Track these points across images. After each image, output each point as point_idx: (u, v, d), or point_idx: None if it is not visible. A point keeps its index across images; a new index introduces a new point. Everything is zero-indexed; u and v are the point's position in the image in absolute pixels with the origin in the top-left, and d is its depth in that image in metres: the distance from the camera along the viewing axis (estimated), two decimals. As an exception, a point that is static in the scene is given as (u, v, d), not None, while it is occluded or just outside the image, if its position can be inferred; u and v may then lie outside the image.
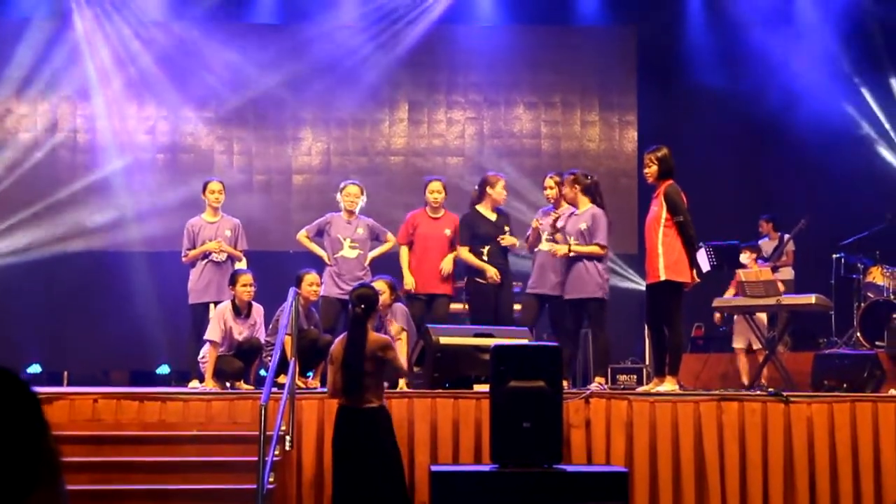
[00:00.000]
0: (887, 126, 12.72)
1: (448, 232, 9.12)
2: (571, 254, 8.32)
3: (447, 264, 9.03)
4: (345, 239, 9.13)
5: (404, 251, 9.13)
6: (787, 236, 11.55)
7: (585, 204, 8.52)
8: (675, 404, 7.36)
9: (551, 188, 8.89)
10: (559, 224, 8.57)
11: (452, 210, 9.37)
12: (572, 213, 8.61)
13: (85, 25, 12.68)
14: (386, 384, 7.09)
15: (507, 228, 9.02)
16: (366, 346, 6.42)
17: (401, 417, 7.18)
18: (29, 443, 1.68)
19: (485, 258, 8.94)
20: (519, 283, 9.65)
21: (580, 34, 13.37)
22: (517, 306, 9.34)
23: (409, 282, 8.99)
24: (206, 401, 7.48)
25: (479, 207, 9.10)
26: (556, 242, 8.57)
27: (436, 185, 9.21)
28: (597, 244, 8.33)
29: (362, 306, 6.52)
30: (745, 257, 10.61)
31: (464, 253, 8.98)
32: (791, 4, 12.81)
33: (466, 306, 9.50)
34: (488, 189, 9.09)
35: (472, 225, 9.02)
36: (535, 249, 8.88)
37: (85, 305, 12.22)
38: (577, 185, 8.55)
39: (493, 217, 9.08)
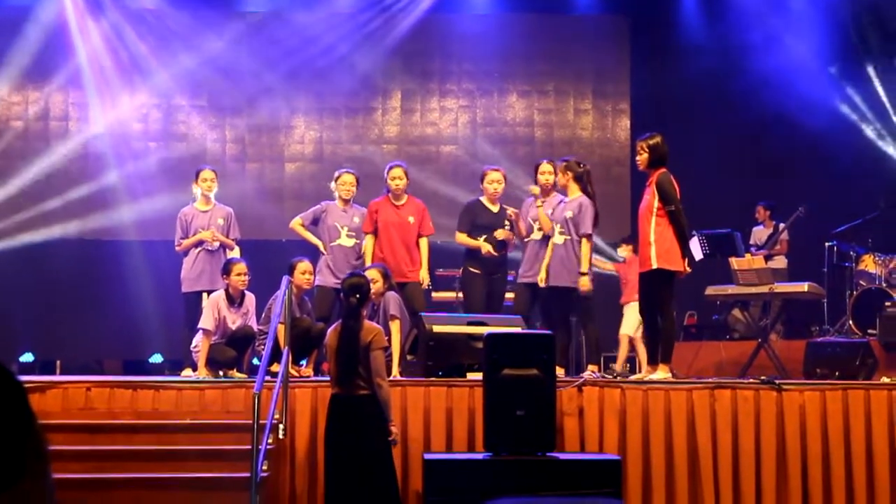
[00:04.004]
0: (880, 114, 12.73)
1: (412, 219, 9.07)
2: (587, 275, 8.35)
3: (425, 274, 9.03)
4: (342, 227, 9.12)
5: (369, 240, 9.07)
6: (782, 225, 11.57)
7: (575, 192, 8.53)
8: (667, 392, 7.38)
9: (550, 174, 8.91)
10: (546, 210, 8.61)
11: (449, 199, 9.36)
12: (561, 201, 8.64)
13: (76, 13, 12.63)
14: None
15: (507, 222, 9.05)
16: (361, 336, 6.42)
17: (394, 406, 7.17)
18: (14, 432, 1.67)
19: None
20: (513, 271, 9.66)
21: (573, 23, 13.37)
22: (510, 295, 9.36)
23: None
24: (200, 389, 7.48)
25: (481, 199, 9.14)
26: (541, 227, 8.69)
27: (397, 172, 9.12)
28: (583, 235, 8.36)
29: (357, 296, 6.51)
30: (623, 250, 10.78)
31: (459, 237, 9.06)
32: (784, -7, 12.82)
33: (460, 295, 9.52)
34: (482, 184, 9.14)
35: (472, 213, 9.07)
36: (526, 239, 8.90)
37: (78, 294, 12.21)
38: (569, 172, 8.57)
39: (494, 209, 9.10)
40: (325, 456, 6.56)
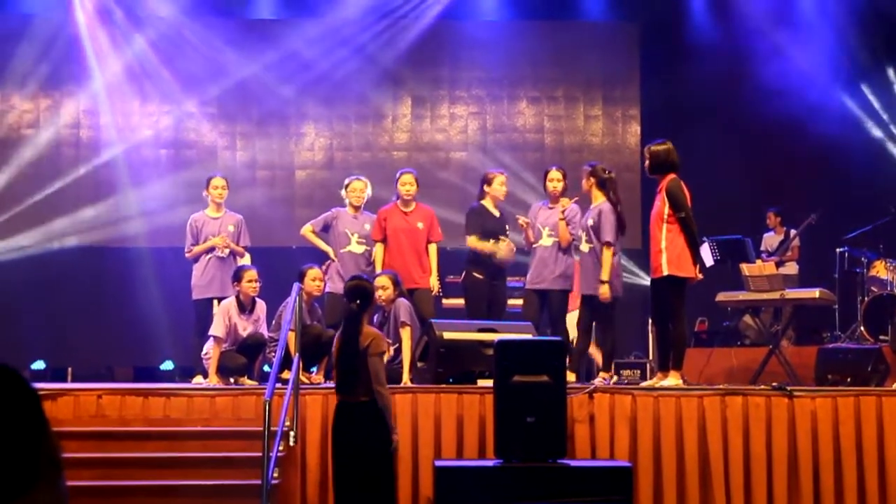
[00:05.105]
0: (892, 120, 12.71)
1: (421, 225, 9.07)
2: (607, 283, 8.27)
3: (434, 281, 9.03)
4: (352, 234, 9.13)
5: (379, 248, 9.07)
6: (793, 232, 11.55)
7: (599, 198, 8.49)
8: (678, 399, 7.36)
9: (559, 181, 8.90)
10: (566, 214, 8.61)
11: (459, 205, 9.36)
12: (588, 207, 8.62)
13: (87, 21, 12.68)
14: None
15: (507, 227, 9.05)
16: (359, 341, 6.37)
17: (404, 413, 7.19)
18: (29, 439, 1.68)
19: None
20: (522, 277, 9.66)
21: (583, 29, 13.38)
22: (519, 301, 9.36)
23: None
24: (210, 397, 7.49)
25: (483, 202, 9.13)
26: (557, 236, 8.67)
27: (408, 178, 9.14)
28: (605, 243, 8.30)
29: (357, 301, 6.47)
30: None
31: (472, 241, 9.00)
32: (794, -1, 12.82)
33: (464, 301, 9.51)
34: (486, 187, 9.12)
35: (480, 217, 9.05)
36: (534, 245, 8.89)
37: (89, 301, 12.23)
38: (592, 178, 8.53)
39: (496, 213, 9.11)
40: (331, 463, 6.55)
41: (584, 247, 8.48)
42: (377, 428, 6.30)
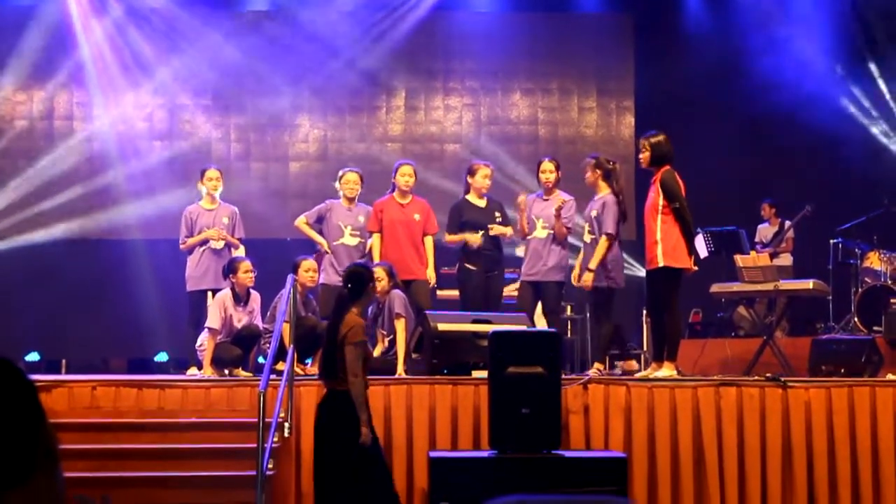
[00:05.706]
0: (885, 111, 12.72)
1: (417, 217, 9.06)
2: (593, 272, 8.28)
3: (432, 273, 9.02)
4: (346, 226, 9.11)
5: (376, 239, 9.06)
6: (788, 223, 11.56)
7: (604, 189, 8.50)
8: (673, 390, 7.37)
9: (551, 172, 8.91)
10: (563, 213, 8.62)
11: (453, 197, 9.35)
12: (593, 200, 8.62)
13: (80, 12, 12.63)
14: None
15: (497, 215, 9.02)
16: (340, 329, 6.30)
17: (399, 404, 7.20)
18: (26, 430, 1.68)
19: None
20: (517, 269, 9.66)
21: (577, 20, 13.36)
22: (514, 291, 9.36)
23: None
24: (205, 388, 7.49)
25: (467, 196, 9.12)
26: (553, 230, 8.67)
27: (407, 169, 9.13)
28: (604, 234, 8.32)
29: (349, 285, 6.45)
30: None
31: (448, 238, 9.04)
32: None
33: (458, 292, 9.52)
34: (469, 178, 9.11)
35: (459, 214, 9.04)
36: (529, 237, 8.89)
37: (83, 293, 12.21)
38: (598, 170, 8.54)
39: (481, 204, 9.08)
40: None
41: (587, 237, 8.51)
42: (353, 418, 6.21)
